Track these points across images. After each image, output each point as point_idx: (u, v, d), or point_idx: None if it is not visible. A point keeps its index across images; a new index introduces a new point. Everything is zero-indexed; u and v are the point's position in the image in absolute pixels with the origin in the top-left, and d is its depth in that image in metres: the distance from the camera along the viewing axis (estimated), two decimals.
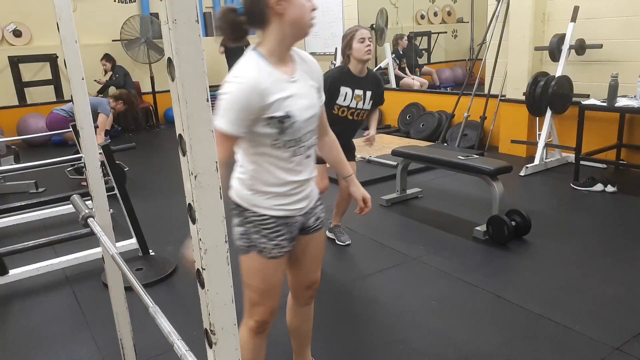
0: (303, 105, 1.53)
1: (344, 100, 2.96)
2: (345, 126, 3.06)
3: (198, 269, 0.85)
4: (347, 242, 3.36)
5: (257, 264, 1.63)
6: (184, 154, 0.78)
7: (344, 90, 2.95)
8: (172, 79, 0.75)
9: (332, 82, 2.94)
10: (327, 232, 3.45)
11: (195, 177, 0.78)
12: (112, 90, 7.23)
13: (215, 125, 1.40)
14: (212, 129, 0.79)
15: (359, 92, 2.98)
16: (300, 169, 1.59)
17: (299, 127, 1.52)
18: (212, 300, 0.85)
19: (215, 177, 0.80)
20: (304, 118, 1.53)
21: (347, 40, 2.94)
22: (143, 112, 8.28)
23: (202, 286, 0.85)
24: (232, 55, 7.94)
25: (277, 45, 1.49)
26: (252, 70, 1.46)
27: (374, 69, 7.80)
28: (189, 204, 0.82)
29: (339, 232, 3.41)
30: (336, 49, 7.54)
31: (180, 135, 0.78)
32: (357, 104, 2.99)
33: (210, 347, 0.89)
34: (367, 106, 3.04)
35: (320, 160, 3.10)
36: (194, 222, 0.82)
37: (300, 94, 1.52)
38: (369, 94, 3.01)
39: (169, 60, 0.75)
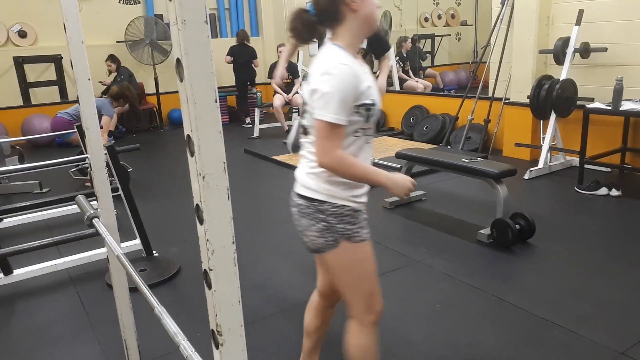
0: (378, 95, 1.59)
1: None
2: None
3: (205, 270, 0.85)
4: None
5: (353, 252, 1.61)
6: (192, 154, 0.78)
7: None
8: (181, 80, 0.75)
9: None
10: None
11: (204, 177, 0.78)
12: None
13: (328, 118, 1.43)
14: (220, 130, 0.79)
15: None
16: (367, 158, 1.62)
17: (377, 115, 1.58)
18: (219, 301, 0.85)
19: (223, 177, 0.80)
20: (380, 106, 1.59)
21: None
22: (147, 113, 8.31)
23: (209, 287, 0.85)
24: (238, 66, 7.97)
25: (353, 39, 1.55)
26: (348, 57, 1.50)
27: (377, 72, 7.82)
28: (197, 204, 0.82)
29: None
30: None
31: (188, 135, 0.78)
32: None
33: (217, 348, 0.89)
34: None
35: None
36: (201, 222, 0.82)
37: (374, 84, 1.58)
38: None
39: (178, 60, 0.75)
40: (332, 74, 1.45)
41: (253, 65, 8.13)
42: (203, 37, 0.73)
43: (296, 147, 1.74)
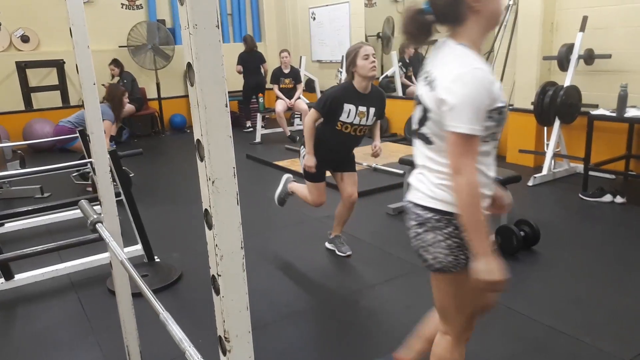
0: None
1: (348, 117, 2.95)
2: (346, 141, 3.08)
3: (213, 275, 0.84)
4: (348, 253, 3.30)
5: (466, 279, 1.45)
6: (202, 159, 0.77)
7: (348, 107, 2.94)
8: (192, 84, 0.74)
9: (335, 99, 2.94)
10: (326, 243, 3.43)
11: (213, 182, 0.77)
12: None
13: (463, 130, 1.32)
14: (229, 135, 0.78)
15: (362, 108, 2.97)
16: (492, 164, 1.51)
17: (507, 117, 1.48)
18: (227, 307, 0.84)
19: (232, 182, 0.79)
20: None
21: (352, 57, 2.91)
22: (148, 117, 8.33)
23: (217, 293, 0.84)
24: (249, 73, 7.96)
25: (478, 38, 1.44)
26: (478, 59, 1.40)
27: (380, 77, 7.83)
28: (206, 209, 0.81)
29: (340, 243, 3.36)
30: (343, 56, 7.55)
31: (198, 140, 0.77)
32: (360, 121, 2.99)
33: (224, 354, 0.87)
34: (370, 122, 3.03)
35: (319, 178, 3.09)
36: (210, 227, 0.81)
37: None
38: (372, 110, 3.00)
39: (189, 65, 0.74)
40: (465, 80, 1.33)
41: (262, 70, 8.14)
42: (214, 41, 0.72)
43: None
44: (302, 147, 3.13)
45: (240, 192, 0.82)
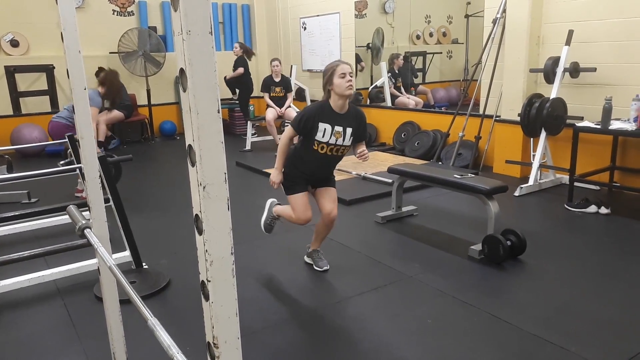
0: None
1: (323, 136, 2.91)
2: (324, 161, 3.03)
3: (203, 281, 0.84)
4: (325, 268, 3.22)
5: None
6: (193, 164, 0.78)
7: (323, 126, 2.90)
8: (184, 90, 0.76)
9: (310, 117, 2.90)
10: (305, 257, 3.38)
11: (204, 187, 0.78)
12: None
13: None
14: (221, 140, 0.79)
15: (338, 128, 2.93)
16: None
17: None
18: (217, 313, 0.84)
19: (223, 188, 0.80)
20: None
21: (328, 75, 2.89)
22: (138, 124, 8.29)
23: (207, 298, 0.84)
24: (248, 78, 7.98)
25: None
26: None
27: (370, 88, 7.88)
28: (196, 214, 0.81)
29: (317, 258, 3.28)
30: None
31: (190, 145, 0.78)
32: (336, 141, 2.94)
33: None
34: (347, 142, 2.98)
35: (300, 189, 3.06)
36: (200, 233, 0.82)
37: None
38: (349, 130, 2.96)
39: (182, 70, 0.75)
40: None
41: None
42: (208, 47, 0.74)
43: None
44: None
45: (230, 199, 0.83)
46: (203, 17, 0.73)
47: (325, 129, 2.91)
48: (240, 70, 7.89)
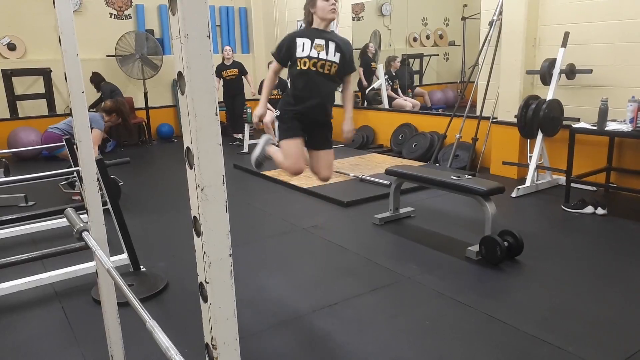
0: None
1: (303, 50, 2.78)
2: (314, 83, 2.86)
3: (201, 283, 0.85)
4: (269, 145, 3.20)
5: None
6: (191, 166, 0.79)
7: (301, 40, 2.79)
8: (182, 93, 0.76)
9: (288, 37, 2.83)
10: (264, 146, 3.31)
11: (202, 189, 0.79)
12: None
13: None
14: (219, 143, 0.79)
15: (319, 41, 2.80)
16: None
17: None
18: (215, 315, 0.85)
19: (222, 190, 0.81)
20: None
21: None
22: (136, 127, 8.29)
23: (205, 300, 0.85)
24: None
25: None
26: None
27: (367, 90, 7.89)
28: (194, 216, 0.82)
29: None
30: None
31: (188, 148, 0.78)
32: (318, 54, 2.79)
33: None
34: (333, 57, 2.82)
35: (294, 134, 2.91)
36: (198, 235, 0.82)
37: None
38: (332, 44, 2.82)
39: (180, 74, 0.76)
40: None
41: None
42: (205, 51, 0.74)
43: None
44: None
45: (228, 201, 0.83)
46: (201, 21, 0.73)
47: (304, 43, 2.79)
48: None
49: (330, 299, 2.92)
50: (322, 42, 2.81)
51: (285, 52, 2.84)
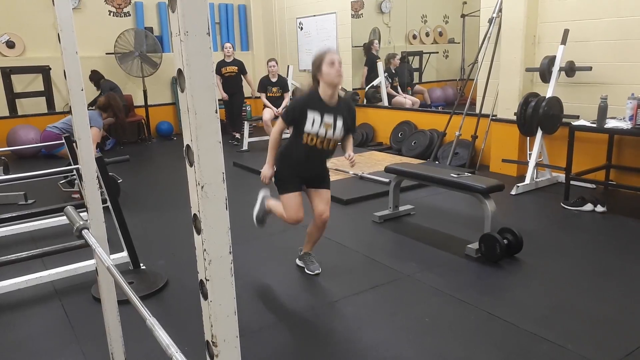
0: None
1: (312, 126, 2.83)
2: (315, 155, 2.94)
3: (201, 280, 0.85)
4: (316, 272, 3.16)
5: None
6: (191, 164, 0.78)
7: (312, 114, 2.82)
8: (182, 90, 0.76)
9: (298, 105, 2.85)
10: (297, 259, 3.33)
11: (202, 187, 0.79)
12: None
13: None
14: (219, 140, 0.79)
15: (328, 119, 2.85)
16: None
17: None
18: (215, 312, 0.85)
19: (222, 188, 0.81)
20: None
21: (317, 64, 2.85)
22: (134, 125, 8.29)
23: (205, 297, 0.85)
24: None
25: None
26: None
27: (367, 87, 7.89)
28: (195, 214, 0.82)
29: (309, 261, 3.23)
30: None
31: (188, 145, 0.78)
32: (326, 133, 2.86)
33: (212, 359, 0.88)
34: (338, 134, 2.91)
35: (293, 189, 3.02)
36: (198, 232, 0.82)
37: None
38: (339, 121, 2.89)
39: (179, 71, 0.76)
40: None
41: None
42: (205, 48, 0.74)
43: None
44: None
45: (228, 199, 0.83)
46: (201, 18, 0.73)
47: (314, 118, 2.83)
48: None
49: (330, 296, 2.93)
50: (330, 120, 2.87)
51: (293, 118, 2.90)
